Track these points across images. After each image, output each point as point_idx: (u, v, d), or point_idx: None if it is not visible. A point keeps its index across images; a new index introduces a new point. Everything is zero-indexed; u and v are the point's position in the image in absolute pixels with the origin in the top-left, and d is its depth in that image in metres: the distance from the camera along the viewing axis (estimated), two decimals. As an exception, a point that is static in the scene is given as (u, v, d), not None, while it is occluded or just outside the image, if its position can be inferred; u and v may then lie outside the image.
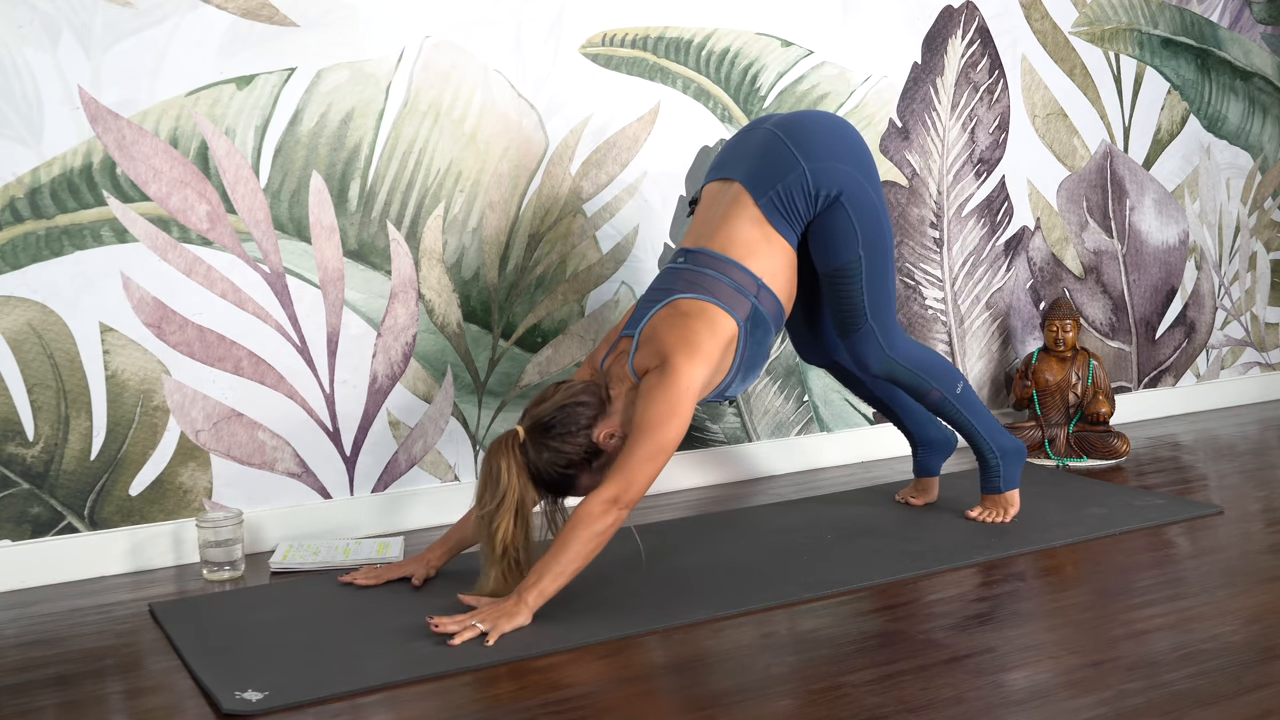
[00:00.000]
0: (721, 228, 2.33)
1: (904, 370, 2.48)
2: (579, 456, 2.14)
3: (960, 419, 2.57)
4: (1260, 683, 1.76)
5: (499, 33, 2.78)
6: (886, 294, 2.43)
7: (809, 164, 2.31)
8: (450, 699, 1.79)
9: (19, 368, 2.40)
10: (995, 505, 2.64)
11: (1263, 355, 4.06)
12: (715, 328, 2.20)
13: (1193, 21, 3.79)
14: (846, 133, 2.39)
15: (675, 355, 2.14)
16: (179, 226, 2.50)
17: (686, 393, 2.12)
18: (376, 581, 2.29)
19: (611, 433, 2.16)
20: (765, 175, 2.33)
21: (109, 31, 2.42)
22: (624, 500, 2.06)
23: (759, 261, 2.29)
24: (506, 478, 2.09)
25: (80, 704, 1.82)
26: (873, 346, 2.45)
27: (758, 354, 2.31)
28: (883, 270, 2.40)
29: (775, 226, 2.31)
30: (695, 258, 2.31)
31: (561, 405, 2.16)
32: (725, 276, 2.26)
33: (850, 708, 1.72)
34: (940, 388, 2.52)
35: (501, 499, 2.08)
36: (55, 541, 2.43)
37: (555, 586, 2.06)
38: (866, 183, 2.36)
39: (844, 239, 2.35)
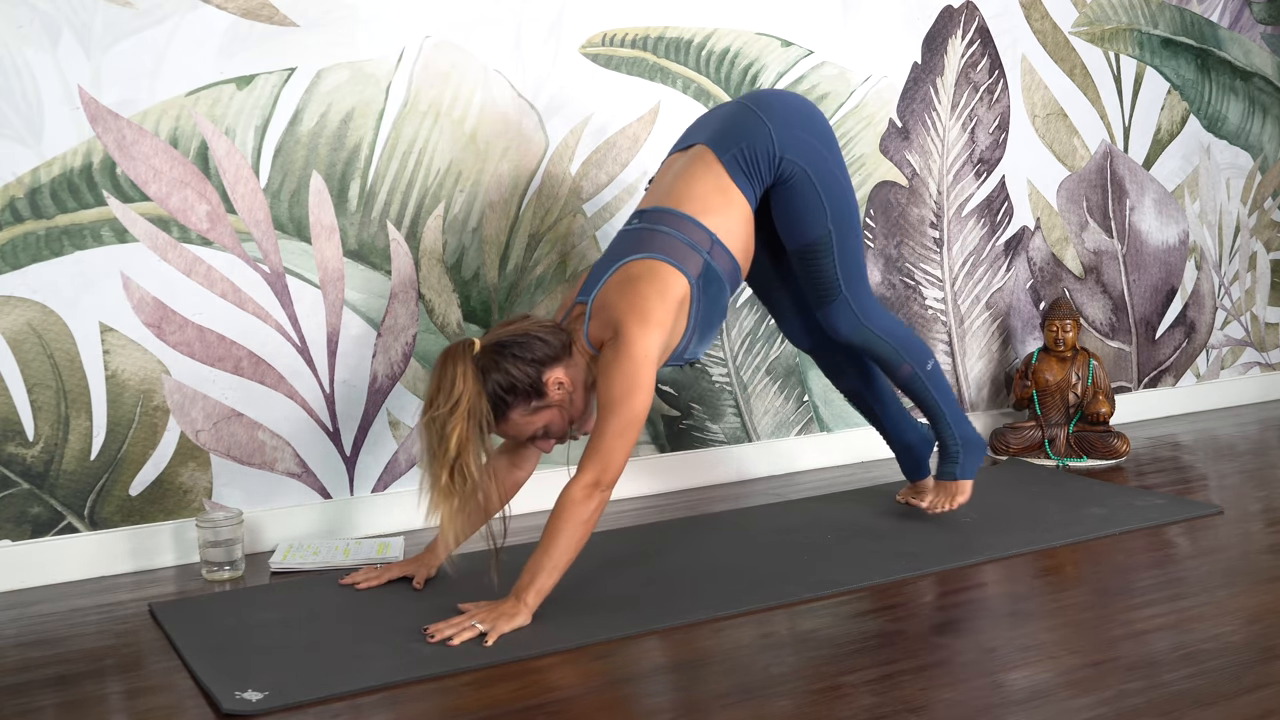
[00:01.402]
0: (677, 184, 2.31)
1: (877, 339, 2.47)
2: (523, 387, 2.11)
3: (928, 398, 2.55)
4: (1260, 683, 1.76)
5: (499, 33, 2.78)
6: (858, 265, 2.41)
7: (776, 129, 2.29)
8: (450, 699, 1.79)
9: (19, 368, 2.40)
10: (945, 492, 2.60)
11: (1263, 355, 4.06)
12: (666, 289, 2.16)
13: (1193, 21, 3.79)
14: (813, 111, 2.38)
15: (627, 326, 2.11)
16: (179, 226, 2.50)
17: (644, 362, 2.09)
18: (377, 582, 2.29)
19: (561, 381, 2.14)
20: (730, 135, 2.31)
21: (109, 31, 2.42)
22: (604, 482, 2.06)
23: (715, 217, 2.26)
24: (462, 383, 2.05)
25: (80, 704, 1.82)
26: (847, 315, 2.43)
27: (713, 312, 2.27)
28: (853, 242, 2.39)
29: (735, 182, 2.28)
30: (648, 216, 2.28)
31: (526, 333, 2.14)
32: (678, 232, 2.23)
33: (850, 708, 1.72)
34: (911, 362, 2.51)
35: (456, 402, 2.04)
36: (55, 541, 2.43)
37: (551, 581, 2.06)
38: (832, 160, 2.35)
39: (813, 214, 2.33)
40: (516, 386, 2.11)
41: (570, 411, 2.19)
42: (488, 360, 2.10)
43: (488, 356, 2.10)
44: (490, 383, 2.09)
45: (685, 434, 3.07)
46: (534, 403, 2.13)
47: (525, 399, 2.13)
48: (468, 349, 2.11)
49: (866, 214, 3.25)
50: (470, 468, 2.04)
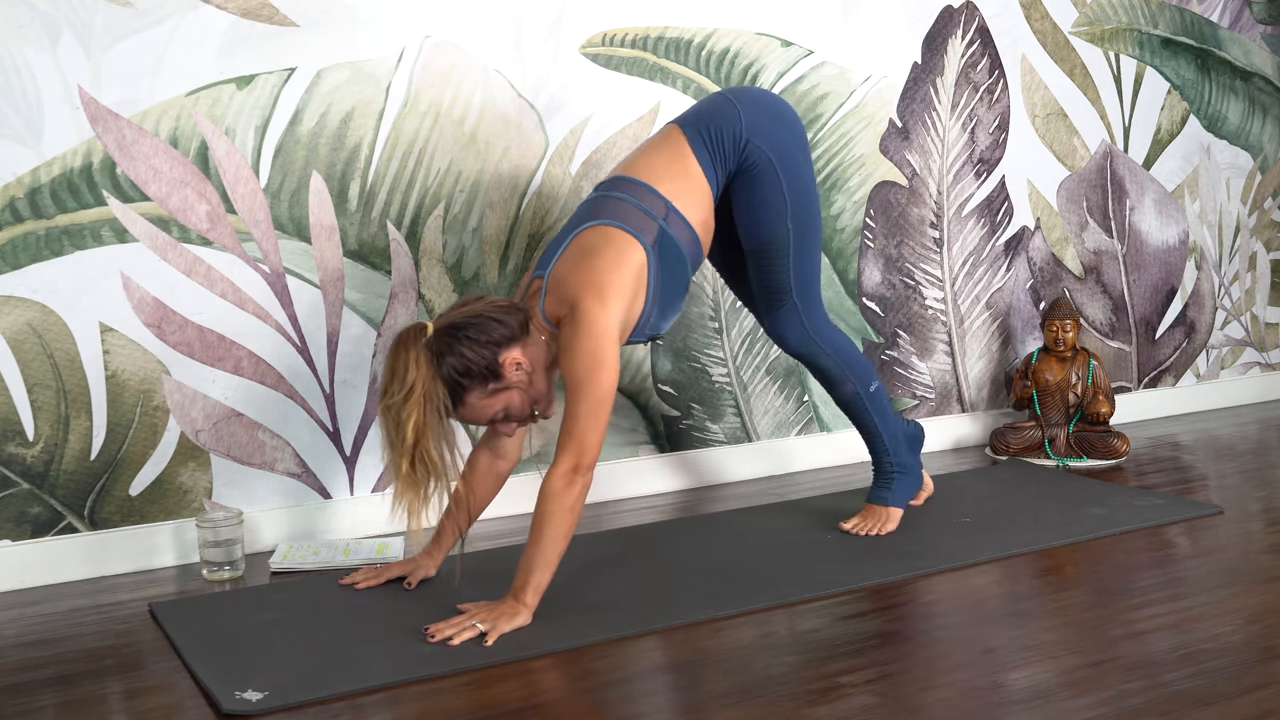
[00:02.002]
0: (641, 156, 2.30)
1: (823, 354, 2.45)
2: (479, 370, 2.06)
3: (868, 419, 2.52)
4: (1260, 683, 1.76)
5: (499, 33, 2.78)
6: (812, 272, 2.39)
7: (746, 113, 2.28)
8: (450, 699, 1.79)
9: (19, 368, 2.40)
10: (875, 517, 2.57)
11: (1263, 355, 4.06)
12: (621, 258, 2.13)
13: (1193, 21, 3.79)
14: (789, 111, 2.38)
15: (585, 302, 2.08)
16: (179, 226, 2.50)
17: (605, 338, 2.07)
18: (376, 581, 2.29)
19: (519, 362, 2.10)
20: (701, 115, 2.31)
21: (109, 31, 2.42)
22: (583, 465, 2.04)
23: (670, 185, 2.23)
24: (415, 369, 2.02)
25: (80, 704, 1.82)
26: (795, 323, 2.42)
27: (672, 284, 2.23)
28: (809, 248, 2.36)
29: (698, 158, 2.26)
30: (605, 185, 2.28)
31: (480, 314, 2.09)
32: (632, 198, 2.20)
33: (850, 708, 1.72)
34: (855, 381, 2.48)
35: (411, 388, 2.01)
36: (55, 541, 2.43)
37: (547, 576, 2.05)
38: (801, 157, 2.33)
39: (775, 209, 2.31)
40: (472, 370, 2.06)
41: (531, 392, 2.14)
42: (441, 344, 2.06)
43: (441, 340, 2.06)
44: (445, 367, 2.05)
45: (685, 434, 3.07)
46: (491, 385, 2.08)
47: (482, 382, 2.07)
48: (419, 334, 2.07)
49: (866, 214, 3.25)
50: (431, 454, 2.01)
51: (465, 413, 2.11)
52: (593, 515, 2.82)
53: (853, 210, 3.23)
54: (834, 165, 3.20)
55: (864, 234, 3.25)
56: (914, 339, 3.36)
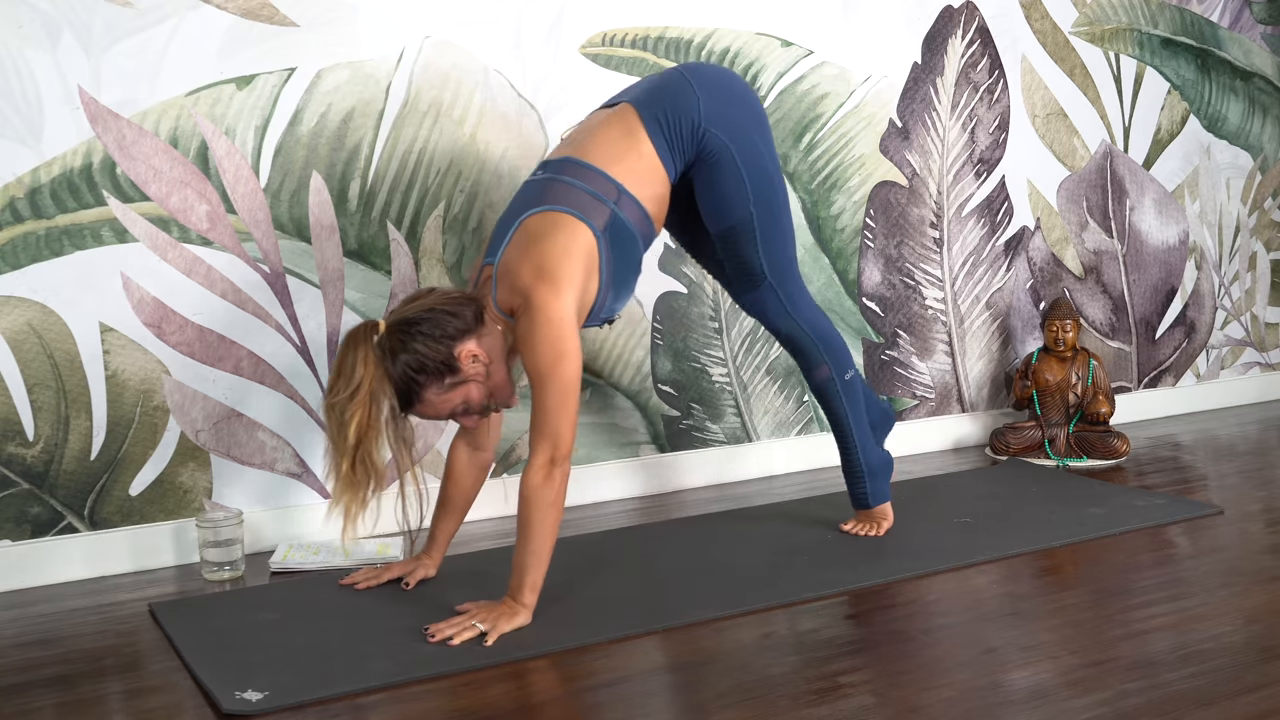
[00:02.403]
0: (591, 138, 2.23)
1: (802, 333, 2.40)
2: (434, 365, 2.03)
3: (839, 408, 2.47)
4: (1260, 683, 1.76)
5: (499, 33, 2.78)
6: (785, 254, 2.35)
7: (705, 100, 2.23)
8: (450, 699, 1.79)
9: (19, 368, 2.40)
10: (868, 520, 2.56)
11: (1263, 355, 4.06)
12: (571, 244, 2.08)
13: (1193, 21, 3.79)
14: (747, 91, 2.33)
15: (537, 293, 2.04)
16: (179, 226, 2.50)
17: (563, 326, 2.03)
18: (376, 582, 2.29)
19: (475, 354, 2.07)
20: (658, 97, 2.24)
21: (109, 31, 2.42)
22: (559, 457, 2.02)
23: (622, 168, 2.18)
24: (362, 368, 1.99)
25: (80, 704, 1.82)
26: (774, 303, 2.38)
27: (625, 266, 2.19)
28: (777, 230, 2.33)
29: (654, 144, 2.21)
30: (553, 167, 2.20)
31: (433, 309, 2.06)
32: (582, 183, 2.15)
33: (850, 707, 1.72)
34: (831, 365, 2.43)
35: (356, 388, 1.98)
36: (55, 541, 2.43)
37: (541, 573, 2.04)
38: (759, 139, 2.29)
39: (735, 195, 2.26)
40: (427, 365, 2.03)
41: (489, 384, 2.11)
42: (394, 341, 2.03)
43: (394, 337, 2.03)
44: (399, 364, 2.02)
45: (685, 434, 3.07)
46: (448, 380, 2.06)
47: (438, 377, 2.05)
48: (370, 331, 2.04)
49: (866, 214, 3.25)
50: (373, 456, 1.99)
51: (423, 409, 2.08)
52: (593, 515, 2.82)
53: (853, 210, 3.23)
54: (834, 165, 3.20)
55: (864, 234, 3.25)
56: (914, 339, 3.36)
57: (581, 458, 2.94)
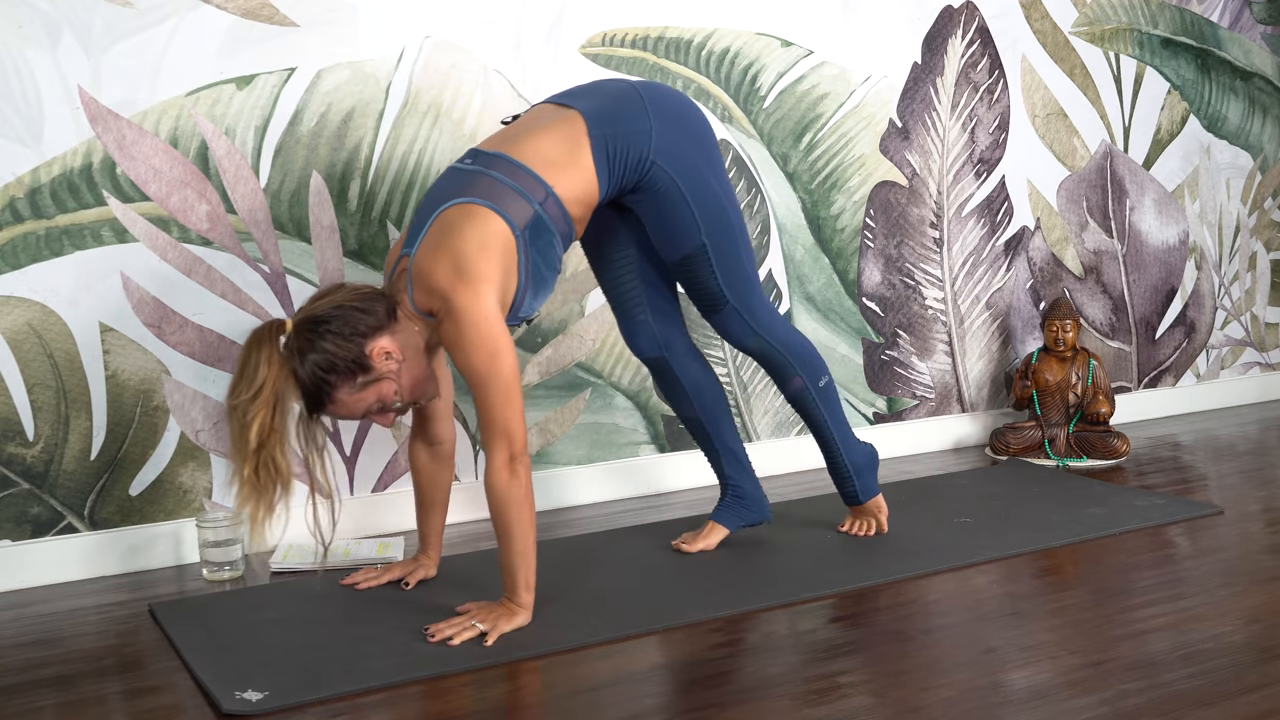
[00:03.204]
0: (532, 139, 2.13)
1: (771, 348, 2.36)
2: (345, 365, 1.97)
3: (817, 415, 2.45)
4: (1260, 683, 1.76)
5: (499, 33, 2.78)
6: (742, 273, 2.30)
7: (658, 130, 2.16)
8: (450, 699, 1.79)
9: (19, 368, 2.40)
10: (862, 516, 2.56)
11: (1263, 355, 4.06)
12: (486, 239, 2.01)
13: (1193, 21, 3.79)
14: (702, 122, 2.27)
15: (458, 296, 1.98)
16: (179, 226, 2.50)
17: (490, 324, 1.98)
18: (377, 582, 2.29)
19: (388, 351, 2.00)
20: (612, 115, 2.16)
21: (109, 31, 2.42)
22: (516, 452, 1.99)
23: (555, 173, 2.10)
24: (266, 369, 1.92)
25: (80, 704, 1.82)
26: (739, 325, 2.33)
27: (544, 265, 2.12)
28: (732, 252, 2.27)
29: (595, 162, 2.13)
30: (484, 159, 2.12)
31: (342, 305, 1.99)
32: (511, 180, 2.07)
33: (850, 707, 1.72)
34: (804, 375, 2.40)
35: (258, 390, 1.92)
36: (55, 541, 2.43)
37: (531, 569, 2.03)
38: (708, 170, 2.23)
39: (684, 227, 2.22)
40: (337, 365, 1.97)
41: (404, 381, 2.05)
42: (302, 340, 1.96)
43: (301, 336, 1.96)
44: (308, 364, 1.96)
45: (685, 434, 3.07)
46: (360, 378, 1.99)
47: (350, 376, 1.98)
48: (275, 331, 1.97)
49: (866, 214, 3.25)
50: (277, 460, 1.93)
51: (336, 410, 2.02)
52: (593, 515, 2.82)
53: (853, 210, 3.23)
54: (834, 165, 3.20)
55: (864, 234, 3.25)
56: (914, 339, 3.36)
57: (581, 457, 2.94)
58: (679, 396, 2.46)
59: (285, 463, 1.95)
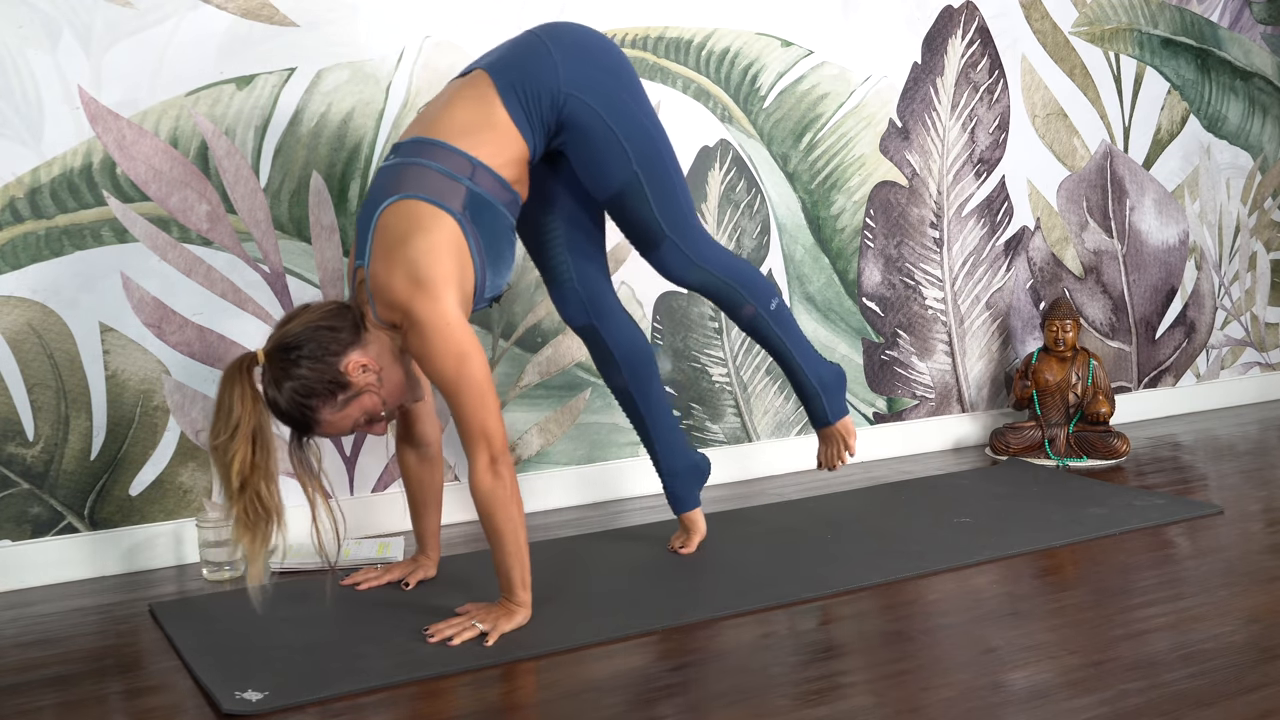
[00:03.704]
0: (444, 113, 2.11)
1: (715, 279, 2.28)
2: (323, 386, 1.96)
3: (774, 339, 2.36)
4: (1260, 683, 1.76)
5: (499, 33, 2.78)
6: (678, 204, 2.22)
7: (563, 63, 2.11)
8: (450, 699, 1.79)
9: (19, 368, 2.40)
10: (831, 440, 2.47)
11: (1263, 355, 4.06)
12: (433, 242, 1.98)
13: (1193, 21, 3.79)
14: (608, 45, 2.20)
15: (417, 307, 1.96)
16: (179, 226, 2.50)
17: (454, 329, 1.96)
18: (377, 582, 2.30)
19: (363, 364, 1.99)
20: (513, 62, 2.12)
21: (109, 31, 2.42)
22: (497, 453, 1.98)
23: (475, 139, 2.06)
24: (240, 405, 1.91)
25: (80, 704, 1.82)
26: (678, 259, 2.25)
27: (496, 241, 2.08)
28: (666, 181, 2.20)
29: (510, 114, 2.09)
30: (404, 149, 2.09)
31: (312, 326, 1.97)
32: (435, 163, 2.04)
33: (850, 707, 1.72)
34: (754, 302, 2.31)
35: (235, 428, 1.90)
36: (55, 541, 2.43)
37: (526, 567, 2.03)
38: (629, 97, 2.16)
39: (614, 159, 2.15)
40: (315, 388, 1.96)
41: (385, 390, 2.03)
42: (276, 370, 1.96)
43: (275, 366, 1.96)
44: (286, 393, 1.95)
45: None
46: (341, 396, 1.98)
47: (330, 396, 1.98)
48: (247, 365, 1.96)
49: (866, 214, 3.25)
50: (262, 495, 1.91)
51: (325, 430, 2.02)
52: (593, 515, 2.82)
53: (853, 210, 3.23)
54: (834, 165, 3.20)
55: (864, 234, 3.25)
56: (914, 339, 3.36)
57: (581, 457, 2.94)
58: (609, 365, 2.41)
59: (272, 496, 1.93)
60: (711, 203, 3.05)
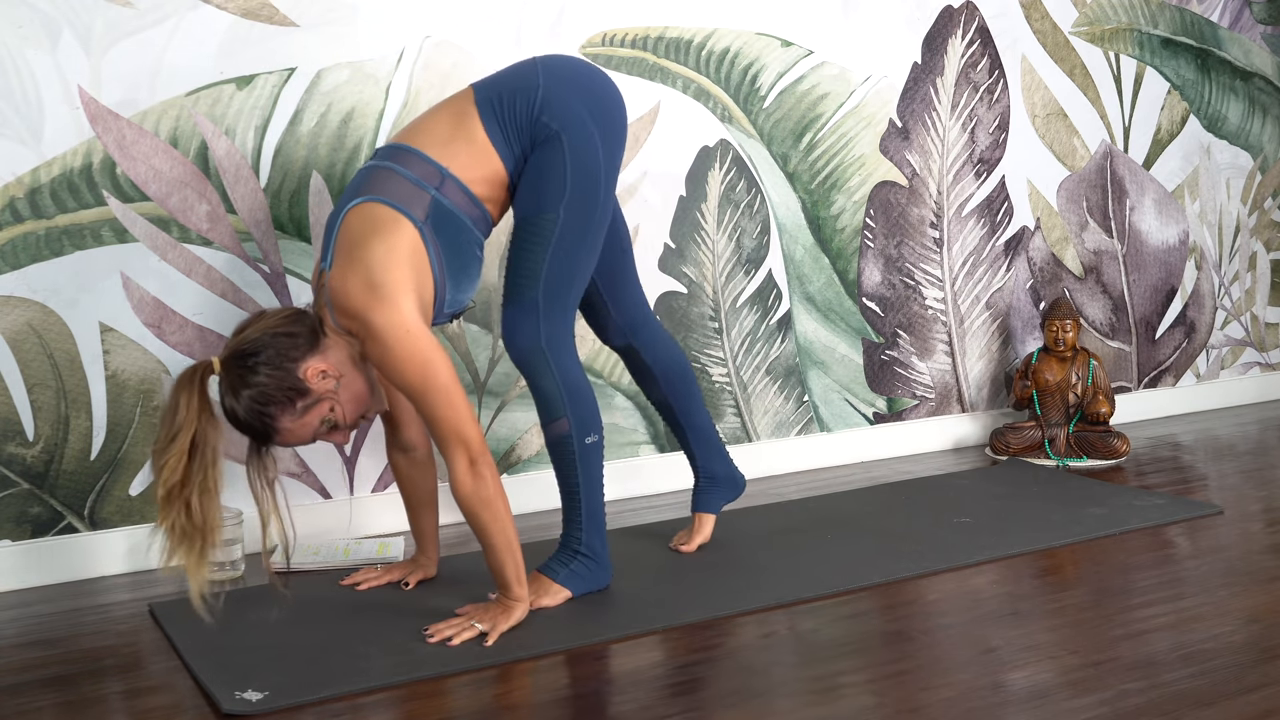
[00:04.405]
0: (425, 122, 2.11)
1: (549, 373, 2.10)
2: (281, 394, 1.93)
3: (572, 474, 2.14)
4: (1260, 683, 1.76)
5: (499, 33, 2.78)
6: (569, 279, 2.10)
7: (546, 87, 2.08)
8: (450, 699, 1.79)
9: (19, 368, 2.40)
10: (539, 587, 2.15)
11: (1263, 355, 4.06)
12: (390, 249, 1.94)
13: (1193, 21, 3.79)
14: (606, 88, 2.15)
15: (374, 317, 1.92)
16: (179, 226, 2.50)
17: (414, 337, 1.92)
18: (377, 582, 2.30)
19: (323, 370, 1.96)
20: (500, 81, 2.12)
21: (109, 31, 2.42)
22: (475, 453, 1.95)
23: (446, 150, 2.05)
24: (184, 413, 1.87)
25: (80, 704, 1.82)
26: (529, 325, 2.09)
27: (458, 254, 2.04)
28: (577, 250, 2.09)
29: (485, 127, 2.07)
30: (381, 153, 2.09)
31: (269, 332, 1.94)
32: (404, 169, 2.02)
33: (850, 707, 1.72)
34: (573, 422, 2.11)
35: (174, 437, 1.86)
36: (55, 541, 2.43)
37: (519, 563, 2.02)
38: (598, 148, 2.10)
39: (551, 187, 2.06)
40: (273, 396, 1.93)
41: (346, 396, 2.00)
42: (233, 378, 1.93)
43: (232, 374, 1.93)
44: (244, 402, 1.92)
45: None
46: (300, 404, 1.95)
47: (289, 404, 1.95)
48: (201, 373, 1.92)
49: (866, 214, 3.25)
50: (193, 509, 1.85)
51: (285, 439, 1.99)
52: (593, 515, 2.82)
53: (853, 210, 3.23)
54: (834, 165, 3.20)
55: (864, 234, 3.25)
56: (914, 339, 3.36)
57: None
58: (649, 381, 2.43)
59: (204, 511, 1.86)
60: (711, 203, 3.05)
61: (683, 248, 3.02)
